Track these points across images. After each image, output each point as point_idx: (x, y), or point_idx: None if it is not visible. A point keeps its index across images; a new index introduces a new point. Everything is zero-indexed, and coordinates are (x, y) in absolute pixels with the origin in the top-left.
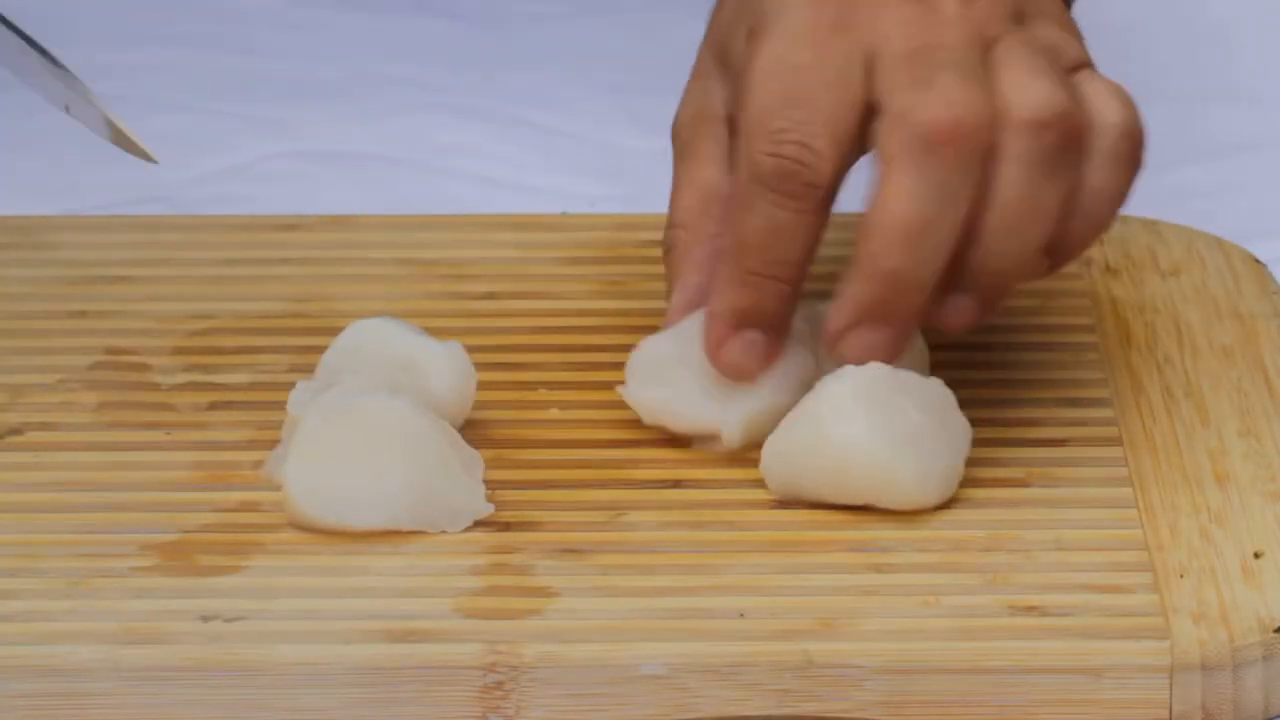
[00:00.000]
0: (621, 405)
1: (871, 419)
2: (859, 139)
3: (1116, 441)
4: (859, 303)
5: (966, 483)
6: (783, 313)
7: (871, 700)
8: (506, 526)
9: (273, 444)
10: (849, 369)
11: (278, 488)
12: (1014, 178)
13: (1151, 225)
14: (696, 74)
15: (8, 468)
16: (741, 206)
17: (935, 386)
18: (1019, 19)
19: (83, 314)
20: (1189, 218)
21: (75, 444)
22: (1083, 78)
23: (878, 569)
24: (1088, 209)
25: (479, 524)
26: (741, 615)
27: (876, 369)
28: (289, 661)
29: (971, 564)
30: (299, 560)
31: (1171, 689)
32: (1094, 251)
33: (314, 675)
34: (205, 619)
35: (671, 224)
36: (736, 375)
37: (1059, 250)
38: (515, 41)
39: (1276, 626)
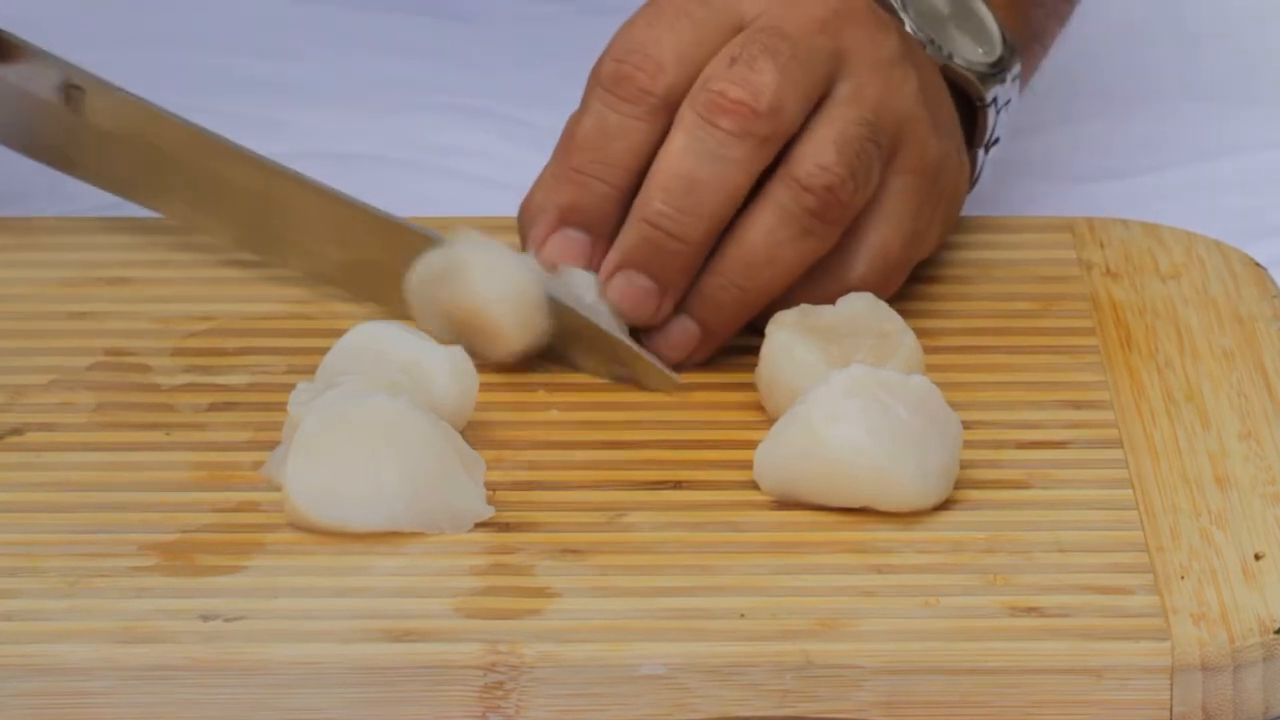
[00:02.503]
0: (622, 405)
1: (868, 421)
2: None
3: (1117, 443)
4: (624, 247)
5: (966, 484)
6: (604, 213)
7: (871, 701)
8: (506, 527)
9: (273, 444)
10: (835, 372)
11: (277, 488)
12: (764, 222)
13: (1151, 228)
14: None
15: (8, 468)
16: (579, 109)
17: (922, 384)
18: (891, 66)
19: (82, 314)
20: (1189, 220)
21: (75, 444)
22: (891, 190)
23: (878, 570)
24: (824, 280)
25: (479, 524)
26: (742, 616)
27: (860, 369)
28: (289, 661)
29: (971, 565)
30: (299, 560)
31: (1172, 690)
32: (1094, 254)
33: (314, 675)
34: (205, 618)
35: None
36: (552, 267)
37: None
38: (515, 41)
39: (1277, 628)
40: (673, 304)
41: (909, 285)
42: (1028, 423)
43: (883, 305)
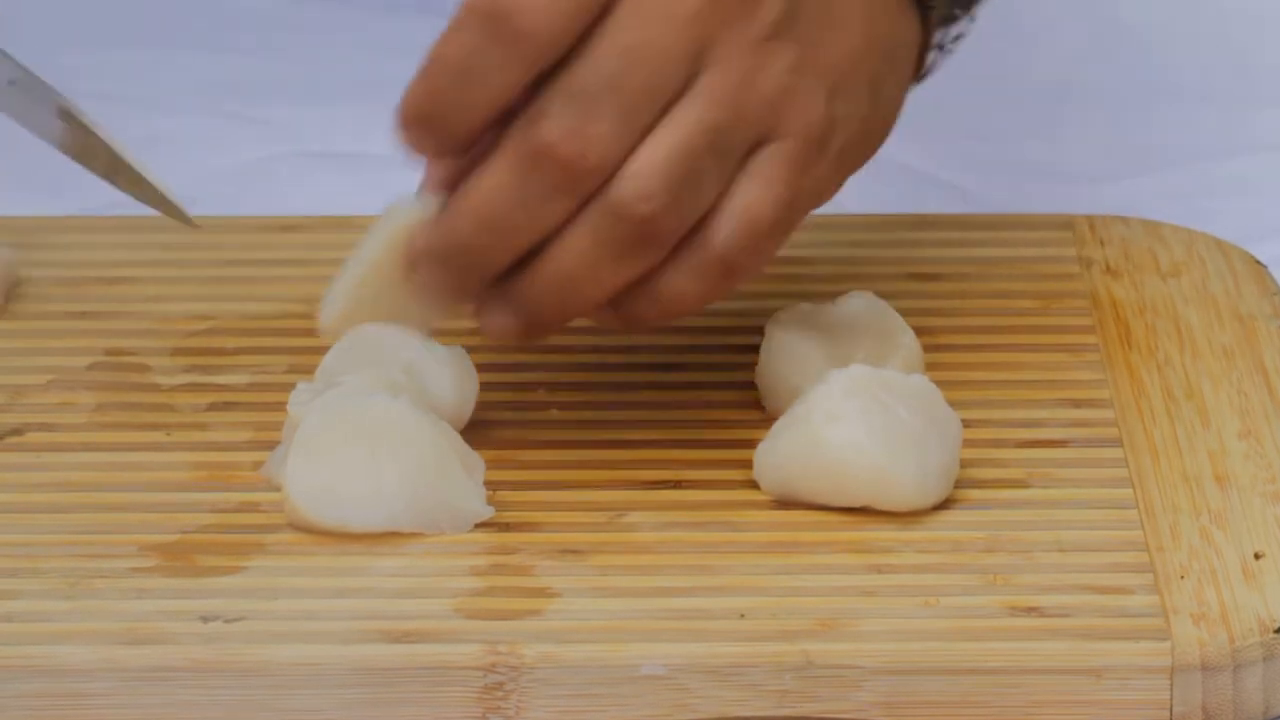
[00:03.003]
0: (621, 405)
1: (868, 421)
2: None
3: (1117, 442)
4: (427, 245)
5: (966, 483)
6: (455, 139)
7: (871, 701)
8: (506, 527)
9: (273, 444)
10: (835, 372)
11: (277, 488)
12: (579, 245)
13: (1152, 226)
14: None
15: (8, 468)
16: (453, 28)
17: (921, 383)
18: (774, 36)
19: (83, 314)
20: (1189, 218)
21: (75, 445)
22: (758, 161)
23: (878, 570)
24: (654, 297)
25: (479, 524)
26: (742, 616)
27: (859, 369)
28: (289, 662)
29: (971, 565)
30: (299, 561)
31: (1172, 690)
32: (1095, 252)
33: (314, 676)
34: (205, 619)
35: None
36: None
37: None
38: None
39: (1276, 627)
40: (449, 307)
41: (909, 285)
42: (1027, 421)
43: (883, 303)
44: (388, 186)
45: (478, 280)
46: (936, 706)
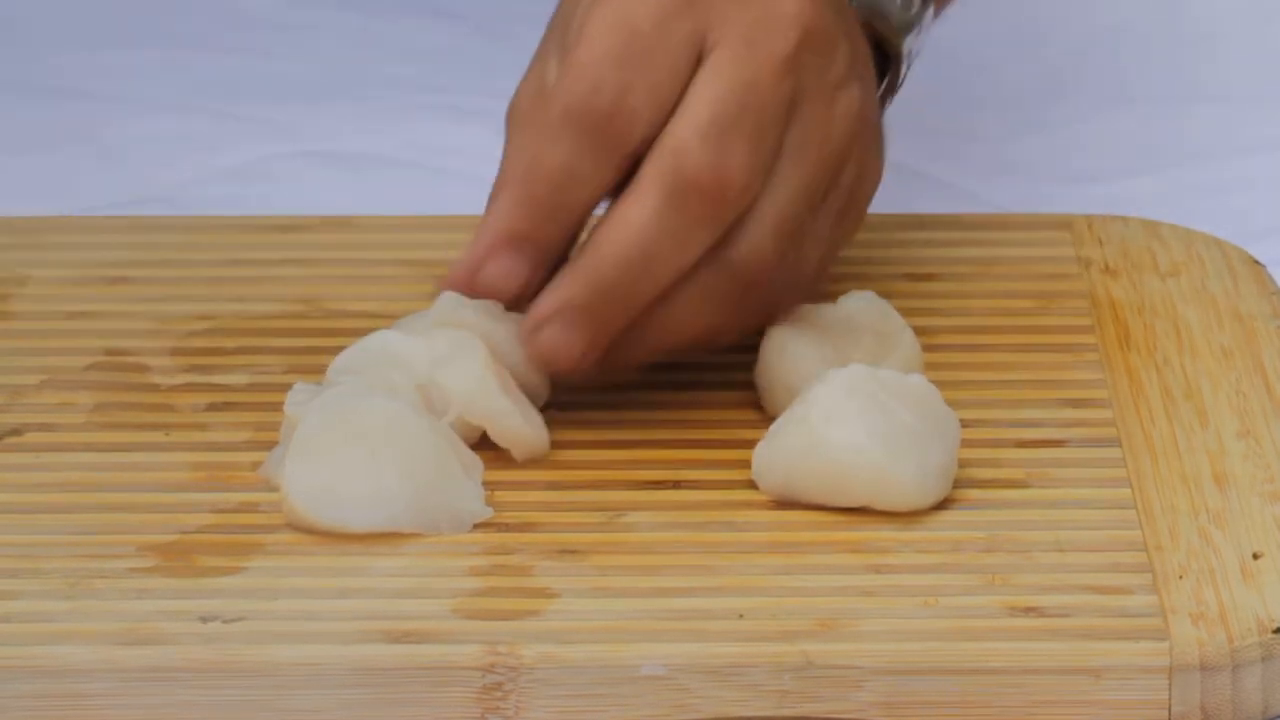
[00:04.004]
0: (621, 405)
1: (867, 420)
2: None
3: (1115, 442)
4: (565, 301)
5: (966, 483)
6: (552, 251)
7: (871, 701)
8: (506, 527)
9: (272, 445)
10: (834, 372)
11: (276, 489)
12: (692, 302)
13: (1151, 226)
14: (538, 56)
15: (7, 469)
16: (548, 137)
17: (919, 383)
18: (840, 86)
19: (82, 314)
20: (1189, 218)
21: (74, 445)
22: (822, 214)
23: (877, 570)
24: (722, 337)
25: (478, 524)
26: (741, 616)
27: (858, 369)
28: (288, 662)
29: (971, 565)
30: (298, 561)
31: (1170, 690)
32: (1093, 252)
33: (313, 676)
34: (205, 620)
35: (496, 184)
36: (489, 292)
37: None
38: (515, 42)
39: (1275, 627)
40: (596, 354)
41: (908, 285)
42: (1026, 421)
43: (882, 303)
44: (388, 186)
45: (621, 323)
46: (936, 706)
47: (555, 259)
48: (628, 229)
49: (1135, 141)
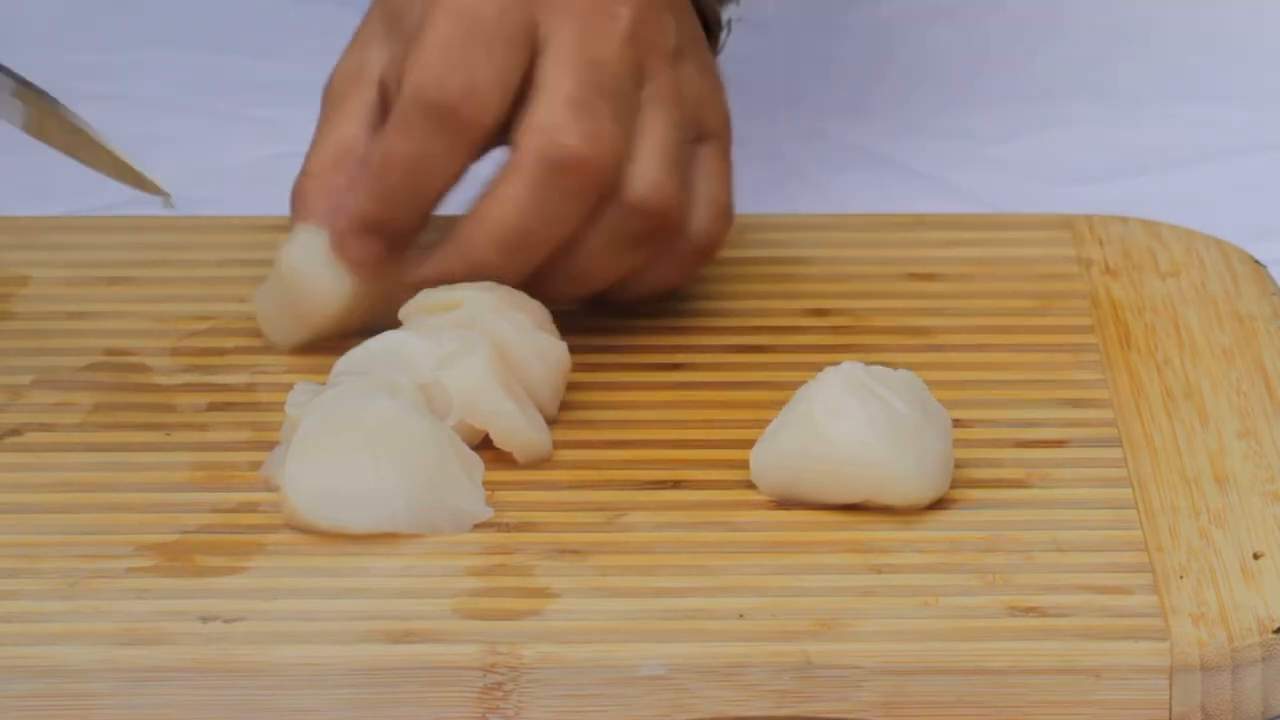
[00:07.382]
0: (621, 405)
1: (868, 414)
2: (517, 100)
3: (1116, 442)
4: (439, 272)
5: (966, 483)
6: (408, 235)
7: (871, 701)
8: (506, 527)
9: (272, 445)
10: (829, 369)
11: (276, 489)
12: (594, 245)
13: (1151, 226)
14: (359, 36)
15: (7, 468)
16: (399, 127)
17: (907, 378)
18: (678, 54)
19: (82, 314)
20: (1189, 220)
21: (74, 445)
22: (704, 156)
23: (877, 570)
24: (643, 283)
25: (478, 524)
26: (741, 616)
27: (851, 365)
28: (288, 662)
29: (971, 565)
30: (298, 561)
31: (1171, 690)
32: (1094, 252)
33: (313, 676)
34: (205, 619)
35: (303, 173)
36: (349, 264)
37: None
38: None
39: (1276, 627)
40: None
41: (908, 285)
42: (1026, 421)
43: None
44: None
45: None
46: (936, 706)
47: (412, 238)
48: (504, 207)
49: (1135, 142)
